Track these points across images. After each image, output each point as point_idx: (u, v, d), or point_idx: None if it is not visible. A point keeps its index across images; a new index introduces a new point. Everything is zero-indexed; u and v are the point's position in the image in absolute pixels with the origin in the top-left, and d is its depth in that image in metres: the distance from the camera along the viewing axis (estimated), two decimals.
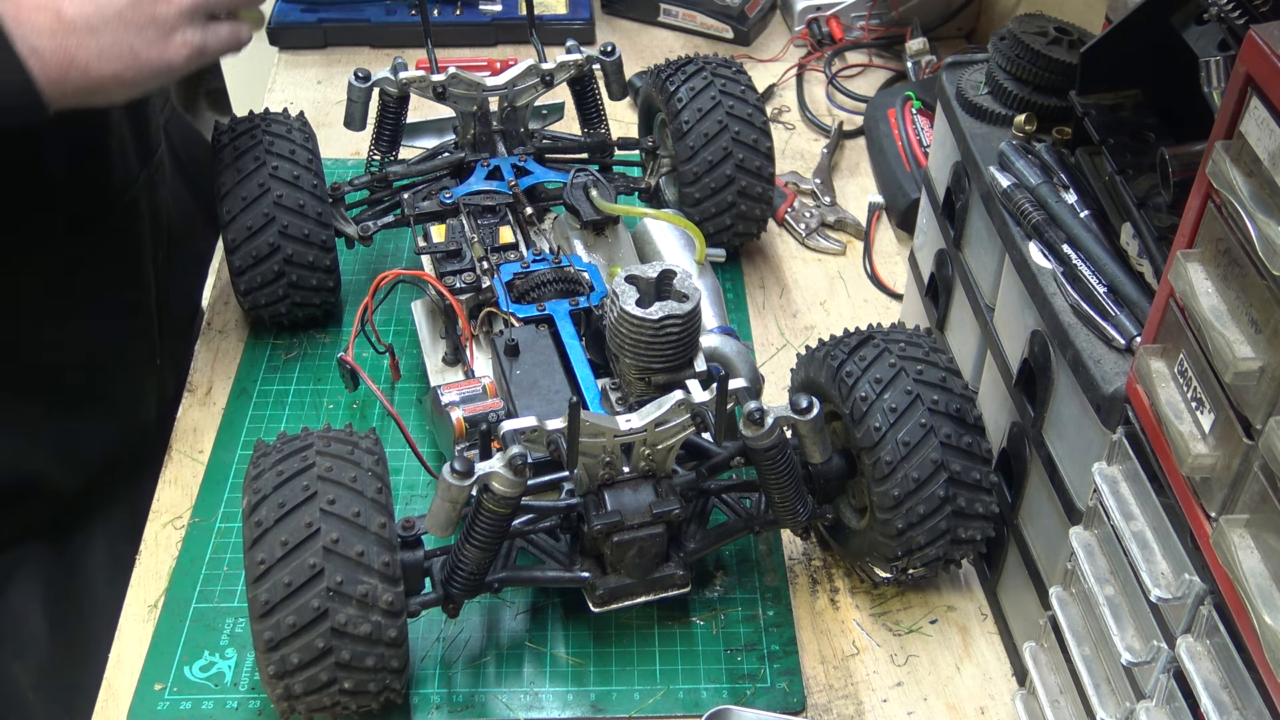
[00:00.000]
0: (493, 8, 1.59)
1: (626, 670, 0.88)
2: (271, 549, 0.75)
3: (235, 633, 0.90)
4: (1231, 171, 0.54)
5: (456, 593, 0.82)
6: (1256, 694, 0.55)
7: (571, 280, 1.01)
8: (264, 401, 1.08)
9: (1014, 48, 0.90)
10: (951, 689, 0.89)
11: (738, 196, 1.14)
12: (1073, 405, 0.76)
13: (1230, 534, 0.56)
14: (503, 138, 1.17)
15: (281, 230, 1.04)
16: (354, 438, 0.82)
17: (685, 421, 0.82)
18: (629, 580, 0.84)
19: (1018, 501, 0.87)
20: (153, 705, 0.86)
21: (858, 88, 1.50)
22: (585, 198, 1.10)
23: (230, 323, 1.17)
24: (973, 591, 0.95)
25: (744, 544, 0.97)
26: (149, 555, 0.96)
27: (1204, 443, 0.58)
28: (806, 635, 0.92)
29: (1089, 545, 0.71)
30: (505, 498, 0.77)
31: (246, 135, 1.07)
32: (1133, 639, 0.66)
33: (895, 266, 1.26)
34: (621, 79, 1.21)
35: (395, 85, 1.13)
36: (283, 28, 1.58)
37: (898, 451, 0.83)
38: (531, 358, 0.94)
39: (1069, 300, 0.76)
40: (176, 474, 1.03)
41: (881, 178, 1.33)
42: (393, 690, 0.80)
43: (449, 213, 1.10)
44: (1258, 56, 0.52)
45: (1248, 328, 0.55)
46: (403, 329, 1.15)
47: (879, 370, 0.85)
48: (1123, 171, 0.78)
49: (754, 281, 1.23)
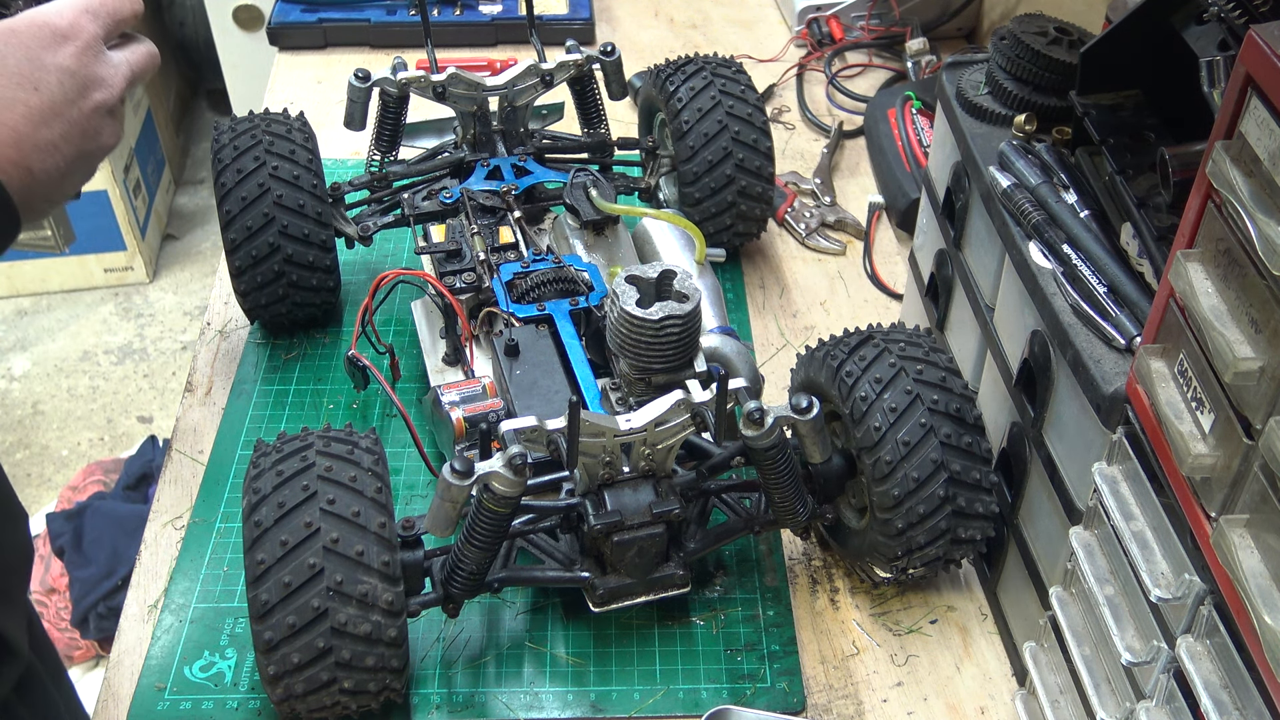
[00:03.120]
0: (493, 8, 1.59)
1: (626, 670, 0.88)
2: (271, 549, 0.75)
3: (235, 633, 0.90)
4: (1231, 171, 0.54)
5: (456, 593, 0.82)
6: (1256, 694, 0.55)
7: (571, 280, 1.01)
8: (264, 401, 1.08)
9: (1014, 48, 0.90)
10: (951, 689, 0.89)
11: (738, 196, 1.14)
12: (1073, 405, 0.76)
13: (1230, 534, 0.56)
14: (503, 138, 1.17)
15: (281, 230, 1.04)
16: (354, 438, 0.82)
17: (685, 421, 0.82)
18: (629, 580, 0.84)
19: (1018, 501, 0.87)
20: (153, 705, 0.86)
21: (858, 88, 1.50)
22: (585, 198, 1.10)
23: (230, 323, 1.17)
24: (973, 591, 0.95)
25: (744, 544, 0.97)
26: (149, 555, 0.96)
27: (1204, 443, 0.58)
28: (806, 635, 0.92)
29: (1089, 545, 0.71)
30: (505, 498, 0.77)
31: (246, 135, 1.07)
32: (1133, 639, 0.66)
33: (895, 266, 1.26)
34: (621, 79, 1.20)
35: (395, 85, 1.13)
36: (283, 28, 1.58)
37: (898, 451, 0.83)
38: (531, 358, 0.94)
39: (1069, 300, 0.76)
40: (176, 474, 1.03)
41: (881, 178, 1.33)
42: (393, 690, 0.80)
43: (449, 213, 1.10)
44: (1258, 56, 0.52)
45: (1248, 328, 0.55)
46: (403, 329, 1.15)
47: (879, 370, 0.85)
48: (1123, 171, 0.77)
49: (754, 281, 1.23)
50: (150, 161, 2.71)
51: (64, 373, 2.51)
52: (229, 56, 2.40)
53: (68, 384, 2.48)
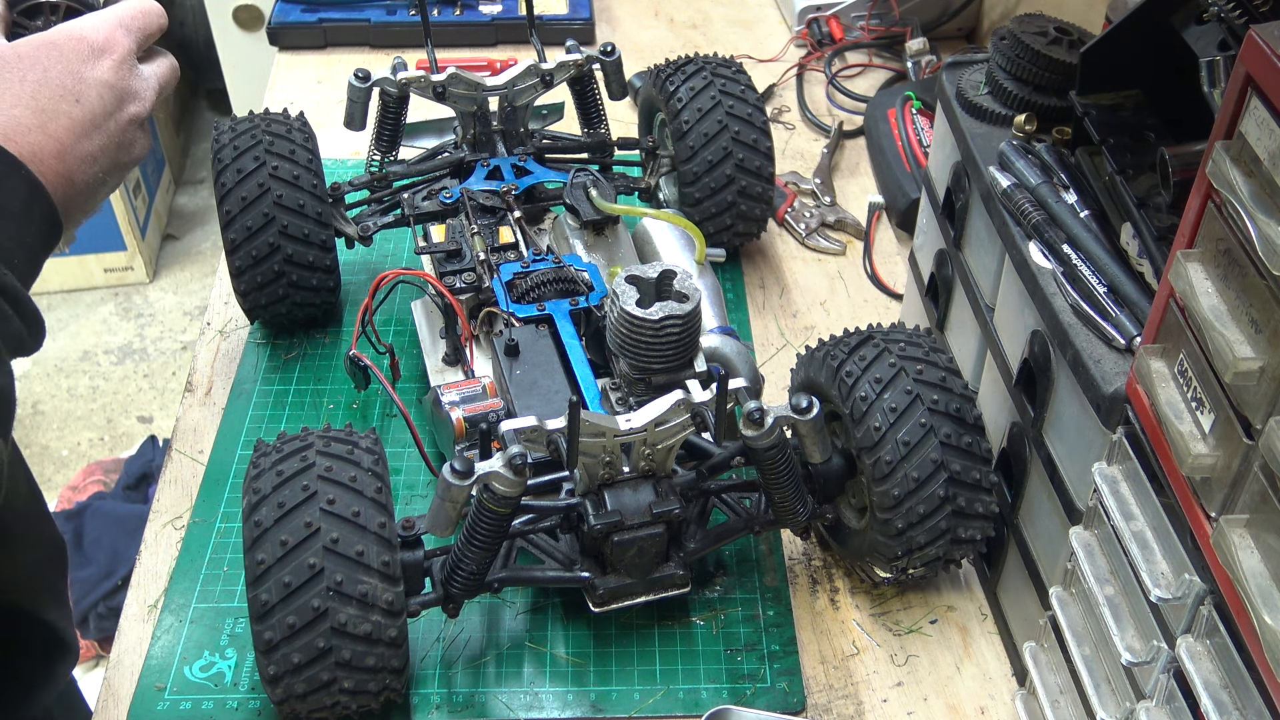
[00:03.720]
0: (493, 8, 1.59)
1: (626, 670, 0.88)
2: (271, 549, 0.75)
3: (235, 633, 0.90)
4: (1231, 171, 0.54)
5: (456, 593, 0.82)
6: (1256, 694, 0.55)
7: (571, 280, 1.01)
8: (264, 401, 1.08)
9: (1014, 48, 0.90)
10: (951, 689, 0.89)
11: (738, 196, 1.14)
12: (1073, 405, 0.76)
13: (1230, 534, 0.56)
14: (503, 138, 1.17)
15: (281, 230, 1.04)
16: (354, 438, 0.82)
17: (685, 421, 0.82)
18: (629, 580, 0.84)
19: (1018, 501, 0.87)
20: (153, 705, 0.86)
21: (858, 88, 1.50)
22: (585, 198, 1.10)
23: (230, 323, 1.17)
24: (973, 591, 0.95)
25: (744, 544, 0.97)
26: (149, 555, 0.96)
27: (1204, 443, 0.58)
28: (806, 635, 0.92)
29: (1089, 545, 0.71)
30: (505, 498, 0.77)
31: (246, 135, 1.07)
32: (1133, 639, 0.66)
33: (895, 266, 1.26)
34: (621, 79, 1.20)
35: (395, 85, 1.13)
36: (283, 28, 1.58)
37: (898, 451, 0.83)
38: (531, 358, 0.94)
39: (1069, 300, 0.76)
40: (176, 474, 1.03)
41: (881, 178, 1.33)
42: (393, 690, 0.80)
43: (449, 213, 1.10)
44: (1258, 56, 0.52)
45: (1248, 328, 0.55)
46: (403, 329, 1.15)
47: (879, 370, 0.85)
48: (1123, 171, 0.77)
49: (754, 281, 1.23)
50: (150, 161, 2.71)
51: (64, 373, 2.51)
52: (229, 56, 2.40)
53: (68, 384, 2.49)
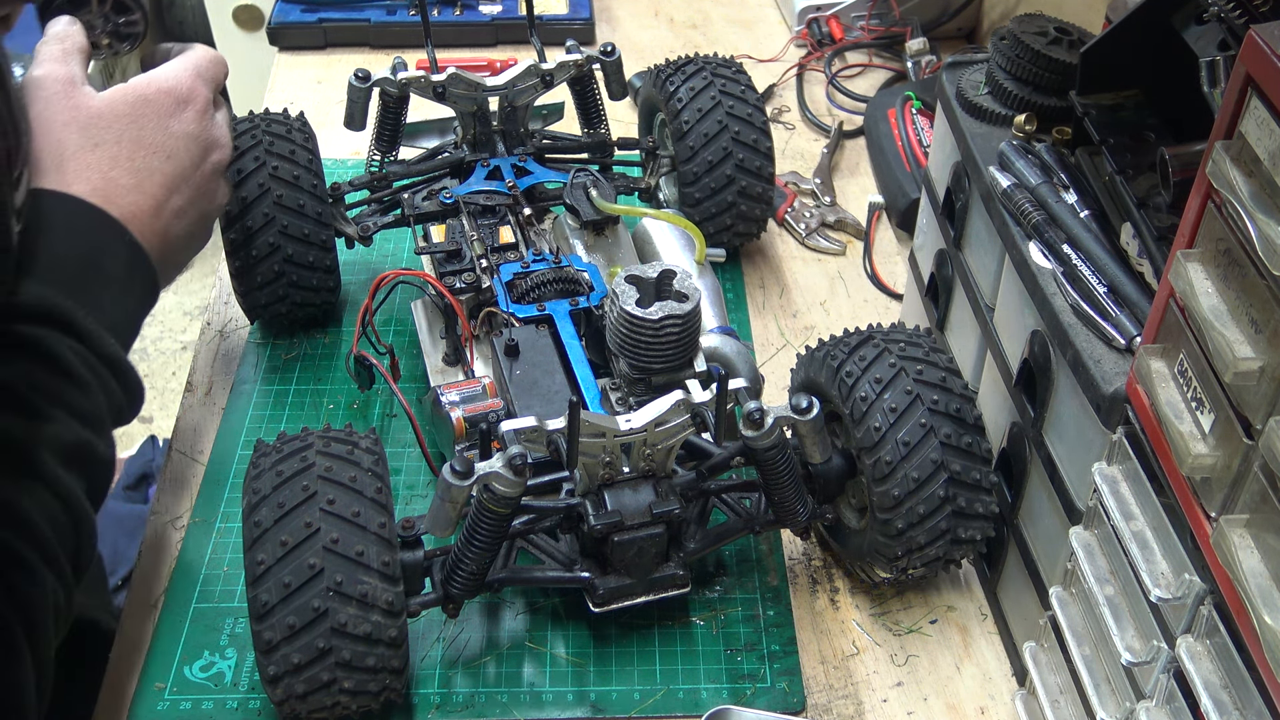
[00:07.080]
0: (493, 8, 1.59)
1: (626, 670, 0.88)
2: (271, 549, 0.75)
3: (235, 633, 0.90)
4: (1231, 171, 0.54)
5: (456, 593, 0.82)
6: (1256, 694, 0.55)
7: (571, 280, 1.01)
8: (264, 401, 1.08)
9: (1014, 48, 0.90)
10: (951, 689, 0.89)
11: (738, 196, 1.14)
12: (1073, 405, 0.76)
13: (1230, 534, 0.56)
14: (503, 138, 1.17)
15: (281, 230, 1.04)
16: (354, 438, 0.82)
17: (685, 421, 0.82)
18: (629, 580, 0.84)
19: (1018, 501, 0.87)
20: (153, 705, 0.85)
21: (858, 88, 1.50)
22: (585, 198, 1.10)
23: (230, 323, 1.17)
24: (973, 591, 0.95)
25: (744, 544, 0.97)
26: (149, 555, 0.96)
27: (1204, 443, 0.58)
28: (806, 635, 0.92)
29: (1089, 545, 0.71)
30: (505, 498, 0.77)
31: (246, 135, 1.07)
32: (1133, 639, 0.66)
33: (895, 266, 1.26)
34: (621, 79, 1.20)
35: (395, 85, 1.13)
36: (283, 28, 1.58)
37: (898, 451, 0.83)
38: (531, 358, 0.94)
39: (1069, 300, 0.76)
40: (176, 474, 1.03)
41: (881, 178, 1.33)
42: (393, 690, 0.80)
43: (449, 213, 1.10)
44: (1258, 56, 0.52)
45: (1248, 328, 0.55)
46: (403, 329, 1.15)
47: (879, 370, 0.85)
48: (1123, 171, 0.77)
49: (754, 281, 1.23)
50: None
51: None
52: (229, 56, 2.37)
53: None
